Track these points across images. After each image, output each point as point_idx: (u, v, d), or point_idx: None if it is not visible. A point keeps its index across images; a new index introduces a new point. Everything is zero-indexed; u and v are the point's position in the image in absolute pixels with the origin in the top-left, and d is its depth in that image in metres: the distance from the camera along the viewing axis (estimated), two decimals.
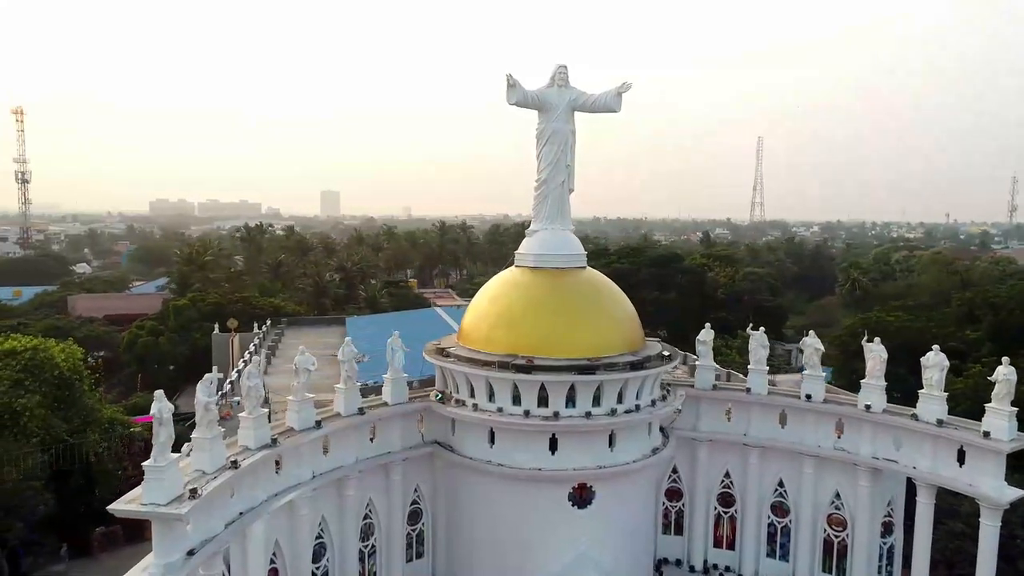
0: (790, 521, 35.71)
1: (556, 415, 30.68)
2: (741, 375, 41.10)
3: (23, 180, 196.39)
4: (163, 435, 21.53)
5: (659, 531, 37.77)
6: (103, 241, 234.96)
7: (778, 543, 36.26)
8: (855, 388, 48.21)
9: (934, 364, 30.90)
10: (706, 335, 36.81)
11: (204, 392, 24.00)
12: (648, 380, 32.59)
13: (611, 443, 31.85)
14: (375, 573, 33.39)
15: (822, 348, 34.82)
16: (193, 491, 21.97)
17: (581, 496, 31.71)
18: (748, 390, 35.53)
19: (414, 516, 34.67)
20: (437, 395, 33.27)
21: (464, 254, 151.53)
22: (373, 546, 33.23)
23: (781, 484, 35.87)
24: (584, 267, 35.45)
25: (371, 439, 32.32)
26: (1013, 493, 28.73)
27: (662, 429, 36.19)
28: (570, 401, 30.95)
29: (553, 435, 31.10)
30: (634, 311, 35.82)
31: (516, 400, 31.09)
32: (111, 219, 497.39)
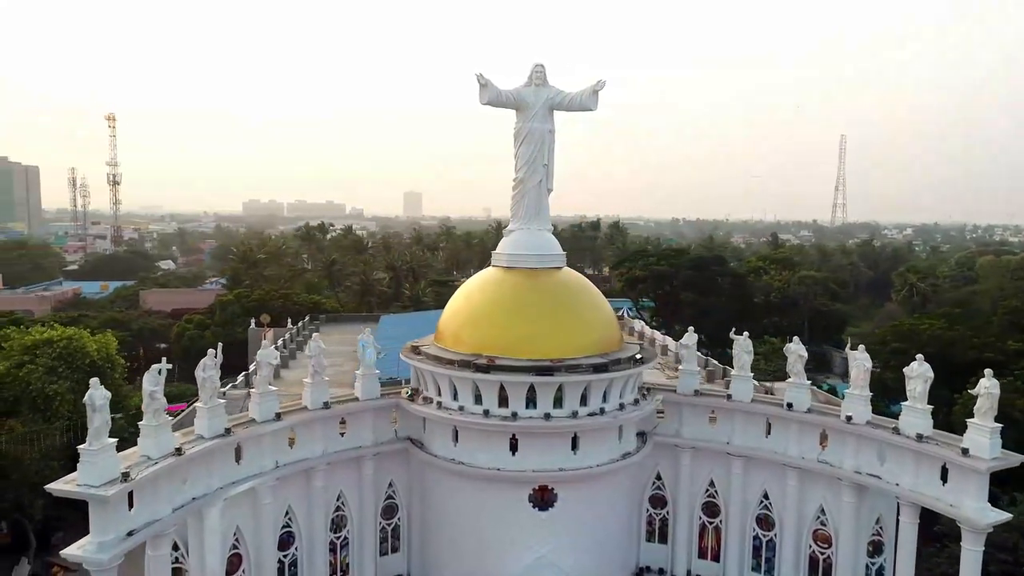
0: (775, 535, 34.24)
1: (515, 415, 30.55)
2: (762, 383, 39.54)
3: (114, 182, 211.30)
4: (97, 420, 22.86)
5: (642, 539, 36.94)
6: (191, 239, 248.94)
7: (763, 557, 34.82)
8: (882, 402, 45.77)
9: (918, 375, 29.01)
10: (689, 339, 35.78)
11: (150, 382, 25.30)
12: (616, 383, 31.94)
13: (574, 446, 31.42)
14: (348, 564, 34.19)
15: (805, 355, 33.19)
16: (125, 475, 23.20)
17: (542, 498, 31.44)
18: (729, 396, 34.28)
19: (389, 511, 35.24)
20: (408, 392, 33.73)
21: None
22: (345, 538, 34.01)
23: (766, 496, 34.45)
24: (560, 267, 35.08)
25: (342, 433, 33.10)
26: (995, 516, 26.66)
27: (644, 434, 35.51)
28: (530, 402, 30.75)
29: (513, 436, 30.98)
30: (611, 313, 35.25)
31: (478, 399, 31.15)
32: (206, 219, 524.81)
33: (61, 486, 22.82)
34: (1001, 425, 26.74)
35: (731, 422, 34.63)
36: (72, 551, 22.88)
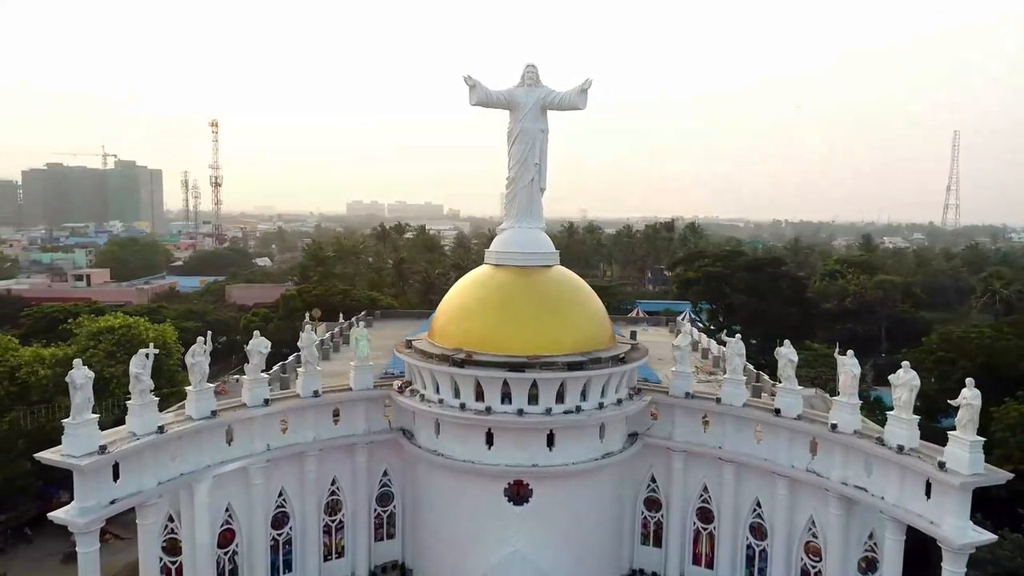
0: (768, 545, 33.13)
1: (489, 410, 31.10)
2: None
3: (216, 184, 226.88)
4: (79, 398, 25.30)
5: (637, 541, 36.58)
6: (290, 238, 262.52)
7: (756, 567, 33.76)
8: (934, 413, 43.09)
9: (903, 383, 27.42)
10: (682, 340, 35.09)
11: (136, 365, 27.68)
12: (595, 381, 31.87)
13: (550, 443, 31.60)
14: (344, 547, 35.79)
15: (795, 359, 31.95)
16: (103, 447, 25.52)
17: (518, 493, 31.82)
18: (718, 400, 33.45)
19: (385, 498, 36.60)
20: (399, 385, 34.93)
21: (592, 255, 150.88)
22: (341, 521, 35.63)
23: (759, 504, 33.40)
24: (551, 265, 35.31)
25: (335, 421, 34.71)
26: (976, 536, 24.88)
27: (636, 434, 35.23)
28: (506, 397, 31.21)
29: (489, 430, 31.54)
30: (600, 311, 35.14)
31: (456, 393, 31.93)
32: (311, 219, 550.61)
33: (48, 455, 25.38)
34: (984, 439, 24.92)
35: (723, 427, 33.78)
36: (57, 514, 25.42)
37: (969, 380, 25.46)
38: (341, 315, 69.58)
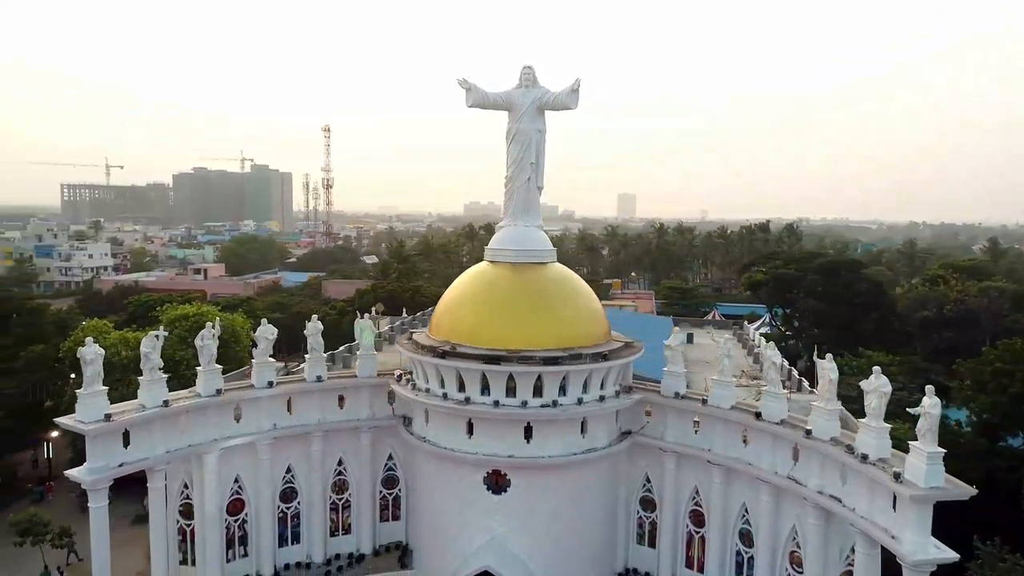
0: (754, 552, 32.26)
1: (468, 400, 32.26)
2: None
3: (327, 186, 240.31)
4: (89, 372, 28.81)
5: (632, 540, 36.52)
6: (400, 238, 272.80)
7: (745, 574, 32.91)
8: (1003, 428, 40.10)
9: (873, 389, 26.09)
10: (675, 339, 34.67)
11: (147, 345, 31.05)
12: (575, 377, 32.25)
13: (528, 435, 32.32)
14: (350, 524, 38.12)
15: (779, 362, 30.86)
16: (108, 416, 28.94)
17: (496, 482, 32.77)
18: (704, 401, 32.87)
19: (391, 481, 38.61)
20: (399, 374, 36.77)
21: (683, 256, 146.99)
22: (348, 500, 37.97)
23: (746, 510, 32.58)
24: (544, 263, 35.88)
25: (341, 405, 37.03)
26: (936, 553, 23.35)
27: (629, 432, 35.26)
28: (485, 389, 32.23)
29: (469, 420, 32.70)
30: (590, 309, 35.43)
31: (442, 383, 33.31)
32: (428, 219, 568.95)
33: (63, 420, 29.10)
34: (944, 451, 23.36)
35: (712, 430, 33.17)
36: (71, 472, 29.10)
37: (929, 388, 23.95)
38: (404, 310, 72.61)
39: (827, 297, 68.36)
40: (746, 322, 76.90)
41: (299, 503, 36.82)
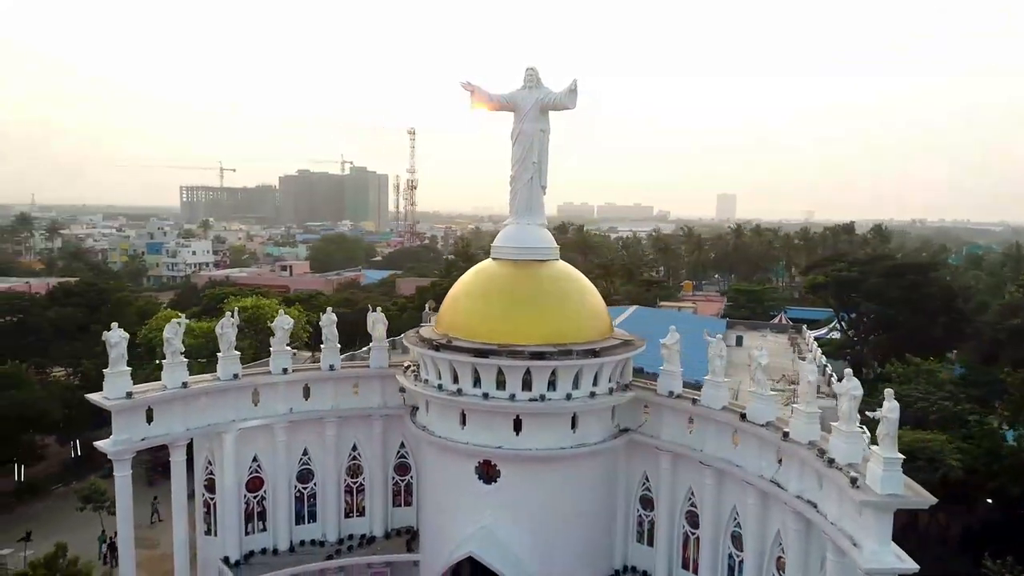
0: (744, 556, 31.77)
1: (459, 392, 33.44)
2: None
3: (411, 187, 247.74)
4: (113, 353, 31.91)
5: (631, 538, 36.65)
6: (486, 238, 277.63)
7: None
8: None
9: (844, 392, 25.33)
10: (671, 338, 34.49)
11: (169, 331, 34.01)
12: (564, 372, 32.76)
13: (517, 428, 33.11)
14: (364, 507, 40.15)
15: (765, 362, 30.24)
16: (129, 393, 32.00)
17: (487, 472, 33.74)
18: (694, 401, 32.62)
19: (403, 468, 40.39)
20: (407, 365, 38.39)
21: (762, 257, 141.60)
22: (362, 484, 40.02)
23: (736, 513, 32.12)
24: (544, 260, 36.45)
25: (354, 393, 39.08)
26: (893, 562, 22.49)
27: (628, 430, 35.46)
28: (477, 381, 33.31)
29: (462, 411, 33.86)
30: (588, 305, 35.75)
31: (439, 375, 34.66)
32: None
33: (92, 396, 32.40)
34: (903, 457, 22.50)
35: (704, 430, 32.89)
36: (99, 443, 32.38)
37: (888, 391, 23.07)
38: None
39: (889, 301, 64.90)
40: (805, 327, 74.28)
41: (315, 484, 39.14)
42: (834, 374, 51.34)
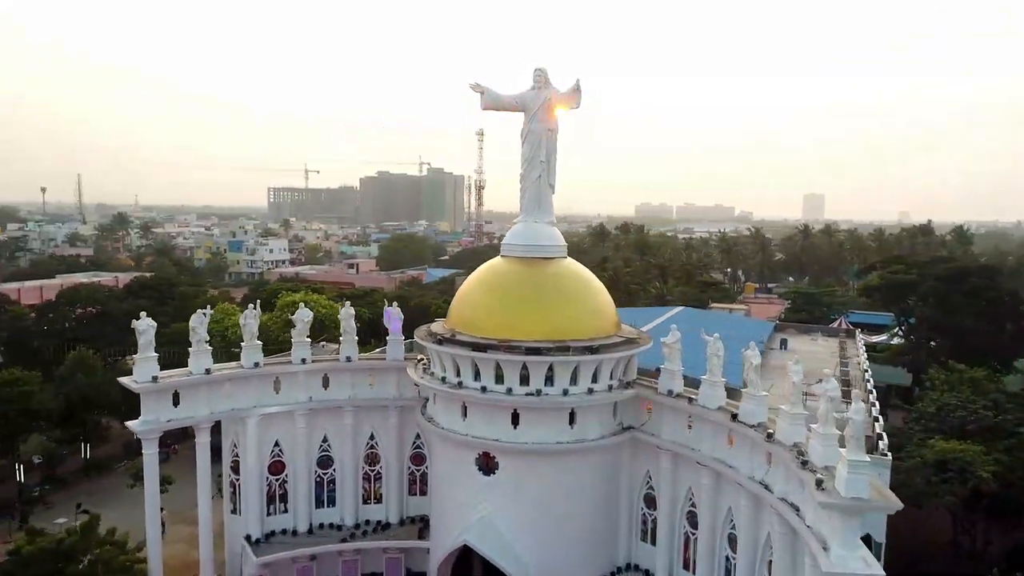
0: (737, 558, 31.41)
1: (460, 385, 34.41)
2: None
3: (479, 187, 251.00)
4: (143, 340, 34.52)
5: (635, 536, 36.71)
6: None
7: None
8: None
9: (822, 394, 24.83)
10: (672, 337, 34.35)
11: (195, 320, 36.45)
12: (561, 368, 33.20)
13: (515, 421, 33.79)
14: (381, 494, 41.73)
15: (758, 362, 29.78)
16: (155, 378, 34.54)
17: (487, 464, 34.55)
18: (690, 400, 32.42)
19: (419, 458, 41.70)
20: (420, 358, 39.65)
21: (831, 258, 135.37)
22: (379, 472, 41.60)
23: (732, 514, 31.77)
24: (552, 257, 36.92)
25: (371, 385, 40.68)
26: (859, 567, 21.87)
27: (631, 428, 35.59)
28: (477, 375, 34.19)
29: (463, 403, 34.81)
30: (592, 303, 36.04)
31: (443, 368, 35.74)
32: (597, 220, 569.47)
33: (124, 379, 35.13)
34: (868, 460, 21.94)
35: (702, 430, 32.70)
36: (130, 423, 35.07)
37: (856, 393, 22.51)
38: None
39: (949, 305, 61.65)
40: (859, 331, 71.51)
41: (334, 470, 40.97)
42: (870, 380, 49.59)
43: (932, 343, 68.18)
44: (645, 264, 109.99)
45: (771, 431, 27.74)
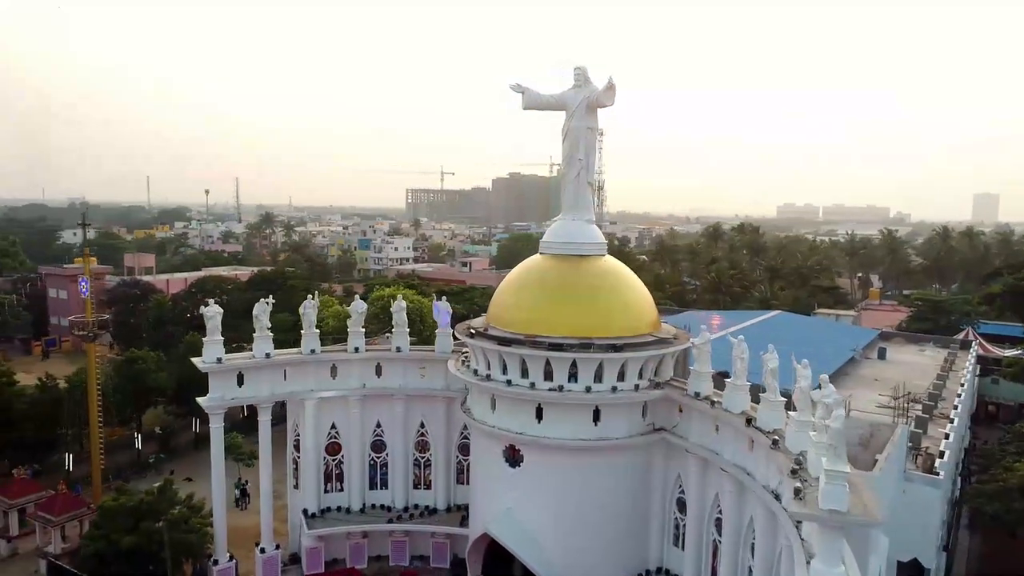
0: (753, 567, 30.19)
1: (488, 378, 35.38)
2: None
3: (599, 187, 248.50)
4: (210, 325, 38.25)
5: (668, 541, 36.11)
6: (680, 238, 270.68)
7: None
8: None
9: (818, 399, 23.49)
10: (700, 339, 33.40)
11: (258, 309, 39.87)
12: (584, 364, 33.30)
13: (539, 415, 34.28)
14: (431, 481, 43.57)
15: (774, 365, 28.39)
16: (219, 359, 38.16)
17: (513, 456, 35.28)
18: (712, 403, 31.44)
19: (466, 448, 42.99)
20: (463, 352, 40.93)
21: (973, 263, 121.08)
22: (429, 459, 43.45)
23: (752, 524, 30.54)
24: (588, 255, 36.92)
25: (421, 375, 42.55)
26: None
27: (662, 429, 35.12)
28: (504, 369, 35.01)
29: (492, 396, 35.74)
30: (624, 301, 35.85)
31: (477, 362, 36.85)
32: (733, 221, 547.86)
33: (196, 360, 39.03)
34: (848, 471, 20.57)
35: (725, 435, 31.67)
36: (200, 399, 38.96)
37: (837, 399, 21.10)
38: None
39: None
40: (975, 343, 65.24)
41: (387, 455, 43.25)
42: (962, 395, 45.51)
43: None
44: (752, 265, 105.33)
45: (776, 439, 26.49)
